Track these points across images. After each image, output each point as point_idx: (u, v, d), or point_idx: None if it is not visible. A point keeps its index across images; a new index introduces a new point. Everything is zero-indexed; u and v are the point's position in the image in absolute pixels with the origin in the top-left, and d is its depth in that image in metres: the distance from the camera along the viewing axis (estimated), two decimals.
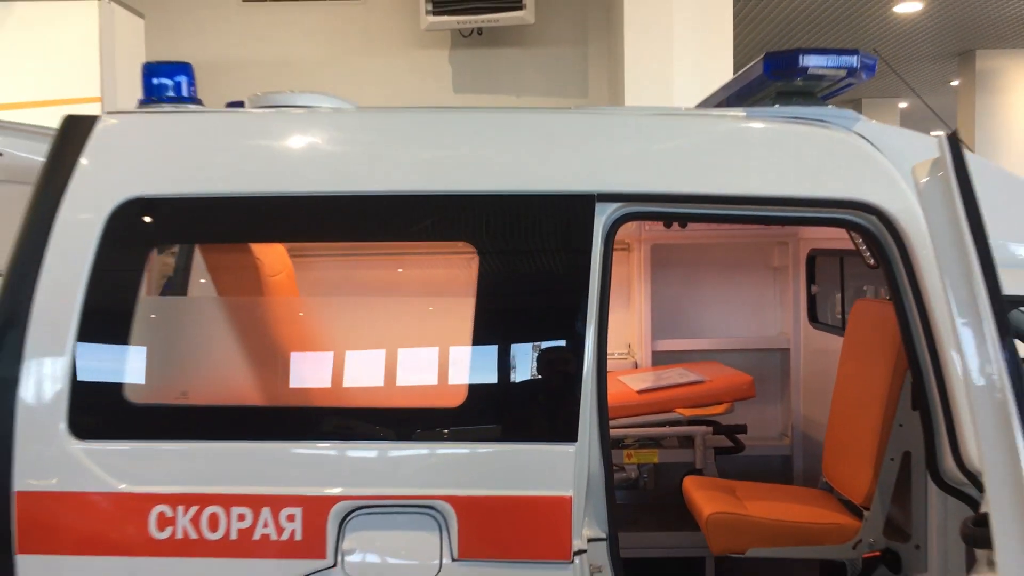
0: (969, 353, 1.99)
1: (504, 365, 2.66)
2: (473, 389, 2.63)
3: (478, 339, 2.65)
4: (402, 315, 3.29)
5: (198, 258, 3.58)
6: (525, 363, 2.67)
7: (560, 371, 2.63)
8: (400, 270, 4.22)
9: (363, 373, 2.88)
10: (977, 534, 1.95)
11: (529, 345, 2.70)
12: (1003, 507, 1.85)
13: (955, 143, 2.00)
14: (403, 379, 2.82)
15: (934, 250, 2.10)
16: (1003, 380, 1.92)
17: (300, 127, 2.82)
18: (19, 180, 3.55)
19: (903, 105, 16.29)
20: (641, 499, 4.79)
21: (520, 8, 7.30)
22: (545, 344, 2.69)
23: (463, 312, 2.70)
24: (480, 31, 7.91)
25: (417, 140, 2.81)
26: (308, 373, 2.97)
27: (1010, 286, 2.65)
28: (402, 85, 8.18)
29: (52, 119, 3.99)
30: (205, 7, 8.14)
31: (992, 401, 1.94)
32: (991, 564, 1.93)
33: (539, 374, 2.64)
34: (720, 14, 6.81)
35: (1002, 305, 1.98)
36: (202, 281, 3.58)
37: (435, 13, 7.34)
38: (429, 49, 8.15)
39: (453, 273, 3.91)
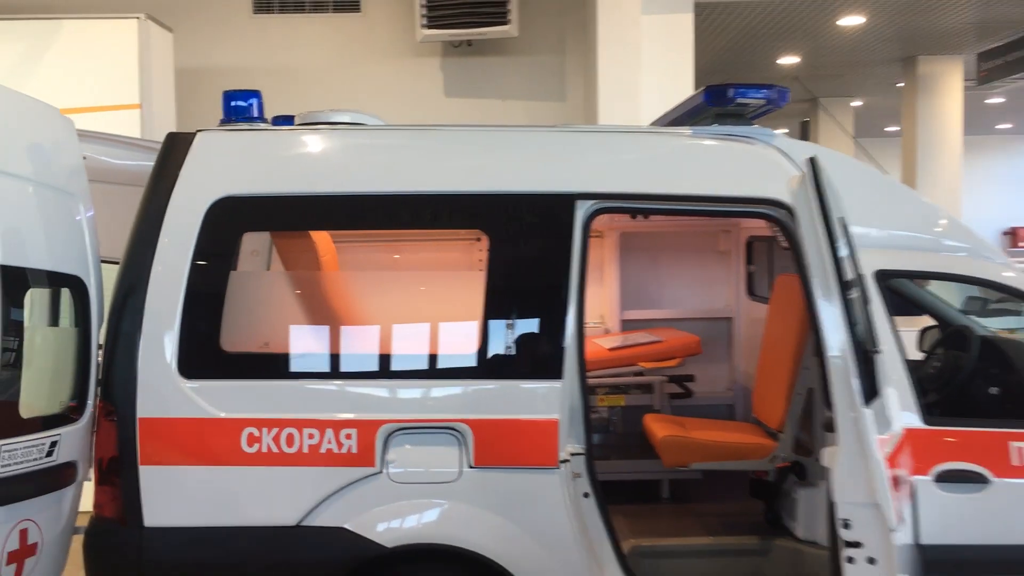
0: (824, 317, 2.87)
1: (508, 322, 3.45)
2: (485, 340, 3.43)
3: (488, 303, 3.46)
4: (428, 285, 4.11)
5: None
6: (524, 321, 3.47)
7: (550, 326, 3.44)
8: (427, 252, 5.06)
9: (401, 328, 3.65)
10: (830, 422, 2.85)
11: (527, 307, 3.49)
12: (841, 408, 2.78)
13: (814, 164, 2.87)
14: (432, 332, 3.57)
15: (803, 241, 2.95)
16: (846, 341, 2.81)
17: (351, 141, 3.63)
18: (99, 180, 4.26)
19: (856, 104, 17.10)
20: (611, 438, 5.64)
21: (505, 23, 7.91)
22: (539, 307, 3.48)
23: (477, 283, 3.51)
24: (469, 43, 8.44)
25: (443, 152, 3.64)
26: (360, 329, 3.75)
27: (884, 262, 3.54)
28: (399, 90, 8.70)
29: (97, 124, 4.69)
30: (221, 19, 8.66)
31: (838, 352, 2.85)
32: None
33: (535, 329, 3.47)
34: (682, 30, 7.53)
35: (845, 284, 2.84)
36: None
37: (429, 27, 7.96)
38: (423, 58, 8.70)
39: (468, 254, 4.78)
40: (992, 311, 9.45)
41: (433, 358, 3.51)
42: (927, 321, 4.85)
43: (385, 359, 3.53)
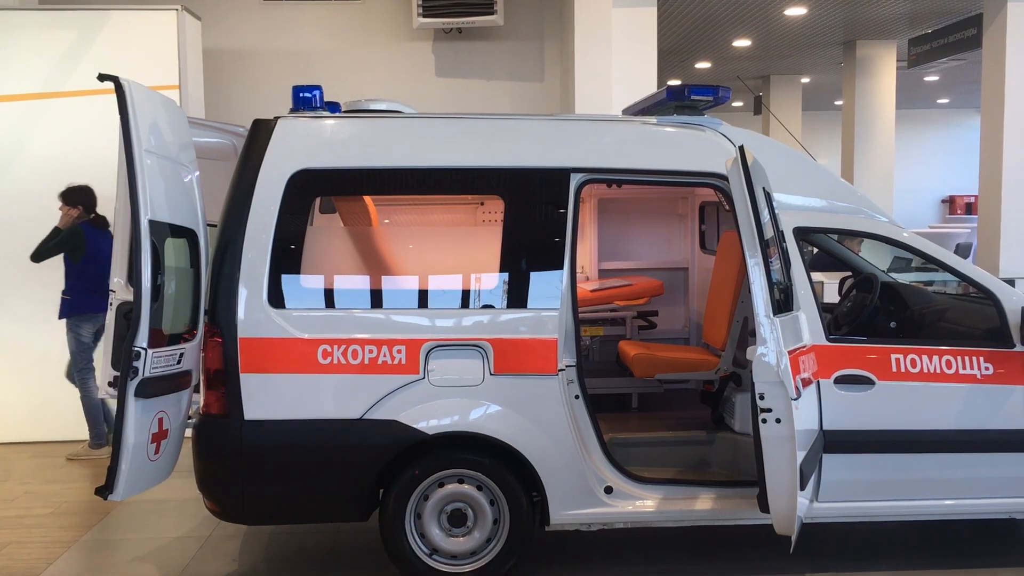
0: (751, 271, 3.91)
1: (520, 265, 4.27)
2: (502, 279, 4.26)
3: (504, 251, 4.26)
4: (459, 238, 5.07)
5: None
6: (532, 264, 4.27)
7: (552, 267, 4.27)
8: (440, 214, 6.05)
9: (441, 269, 4.46)
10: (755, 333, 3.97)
11: (534, 253, 4.28)
12: (760, 316, 3.84)
13: (742, 150, 3.95)
14: (463, 273, 4.38)
15: (735, 209, 3.99)
16: (757, 287, 3.84)
17: (396, 125, 4.49)
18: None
19: (805, 80, 18.17)
20: (592, 363, 6.60)
21: (492, 13, 8.79)
22: (543, 253, 4.28)
23: (496, 235, 4.32)
24: (460, 30, 9.25)
25: (469, 135, 4.48)
26: (408, 270, 4.59)
27: (801, 221, 4.60)
28: (394, 71, 9.43)
29: None
30: (234, 6, 9.32)
31: (761, 295, 3.87)
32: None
33: (540, 269, 4.28)
34: (646, 21, 8.43)
35: (760, 243, 3.85)
36: None
37: (425, 16, 8.78)
38: (417, 43, 9.42)
39: (490, 213, 5.81)
40: (914, 268, 10.78)
41: (462, 292, 4.32)
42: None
43: (426, 294, 4.34)
